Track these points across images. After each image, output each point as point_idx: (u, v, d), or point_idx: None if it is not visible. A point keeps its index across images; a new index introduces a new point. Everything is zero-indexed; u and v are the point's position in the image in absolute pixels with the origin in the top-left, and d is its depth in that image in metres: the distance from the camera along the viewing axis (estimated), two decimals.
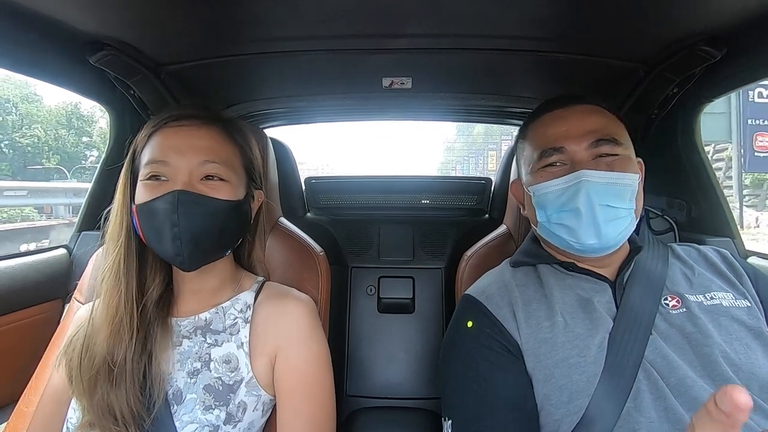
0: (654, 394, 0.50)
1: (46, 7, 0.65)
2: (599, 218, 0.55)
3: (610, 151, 0.58)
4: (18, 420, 0.60)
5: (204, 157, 0.54)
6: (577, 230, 0.57)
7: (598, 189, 0.56)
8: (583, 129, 0.59)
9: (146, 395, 0.51)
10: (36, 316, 0.96)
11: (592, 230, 0.56)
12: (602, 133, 0.58)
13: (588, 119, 0.60)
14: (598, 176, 0.56)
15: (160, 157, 0.53)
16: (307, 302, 0.64)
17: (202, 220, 0.53)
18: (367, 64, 0.94)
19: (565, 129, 0.60)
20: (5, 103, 17.41)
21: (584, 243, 0.57)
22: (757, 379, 0.49)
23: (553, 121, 0.62)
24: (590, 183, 0.56)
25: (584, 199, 0.56)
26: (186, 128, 0.56)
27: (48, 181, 14.66)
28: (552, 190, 0.59)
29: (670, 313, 0.56)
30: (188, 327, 0.58)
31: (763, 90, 7.60)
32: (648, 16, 0.70)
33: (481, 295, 0.63)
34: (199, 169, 0.54)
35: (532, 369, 0.55)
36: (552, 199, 0.59)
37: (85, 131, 18.72)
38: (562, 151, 0.59)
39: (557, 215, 0.59)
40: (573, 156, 0.58)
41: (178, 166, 0.53)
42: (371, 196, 1.50)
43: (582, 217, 0.56)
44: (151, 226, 0.52)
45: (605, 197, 0.56)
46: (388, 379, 1.32)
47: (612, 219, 0.56)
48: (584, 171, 0.56)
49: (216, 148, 0.56)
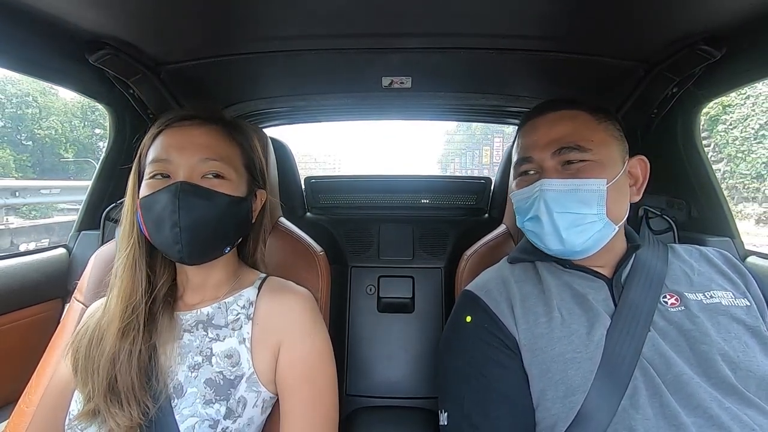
0: (650, 390, 0.50)
1: (45, 6, 0.65)
2: (559, 225, 0.57)
3: (576, 158, 0.58)
4: (18, 420, 0.61)
5: (204, 154, 0.56)
6: (542, 237, 0.60)
7: (557, 197, 0.57)
8: (548, 138, 0.60)
9: (152, 385, 0.52)
10: (36, 316, 0.96)
11: (555, 237, 0.58)
12: (566, 141, 0.59)
13: (555, 127, 0.61)
14: (558, 184, 0.58)
15: (162, 156, 0.55)
16: (308, 296, 0.65)
17: (202, 211, 0.54)
18: (367, 63, 0.94)
19: (535, 138, 0.62)
20: (25, 96, 17.60)
21: (550, 248, 0.60)
22: (755, 377, 0.50)
23: (528, 130, 0.64)
24: (548, 192, 0.58)
25: (543, 207, 0.58)
26: (187, 127, 0.58)
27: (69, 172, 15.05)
28: (520, 198, 0.63)
29: (669, 310, 0.56)
30: (190, 321, 0.59)
31: None
32: (648, 15, 0.70)
33: (480, 290, 0.64)
34: (199, 166, 0.55)
35: (529, 364, 0.55)
36: (521, 207, 0.63)
37: (98, 123, 18.81)
38: (530, 161, 0.62)
39: (527, 222, 0.62)
40: (540, 164, 0.60)
41: (180, 162, 0.55)
42: (371, 196, 1.50)
43: (543, 224, 0.59)
44: (152, 217, 0.54)
45: (565, 205, 0.57)
46: (388, 379, 1.32)
47: (576, 225, 0.57)
48: (544, 180, 0.58)
49: (216, 146, 0.57)
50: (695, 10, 0.67)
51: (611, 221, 0.58)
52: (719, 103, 9.60)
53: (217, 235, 0.57)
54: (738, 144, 9.92)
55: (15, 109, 17.53)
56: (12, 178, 13.50)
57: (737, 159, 10.01)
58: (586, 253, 0.60)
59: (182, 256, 0.55)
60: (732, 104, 9.91)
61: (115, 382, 0.52)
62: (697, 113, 0.94)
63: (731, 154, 10.07)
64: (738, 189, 10.06)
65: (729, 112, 9.98)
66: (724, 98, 8.36)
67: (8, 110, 17.46)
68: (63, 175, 17.34)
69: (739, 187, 10.05)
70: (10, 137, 17.24)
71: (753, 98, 9.71)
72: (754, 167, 9.76)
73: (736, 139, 9.93)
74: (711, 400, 0.48)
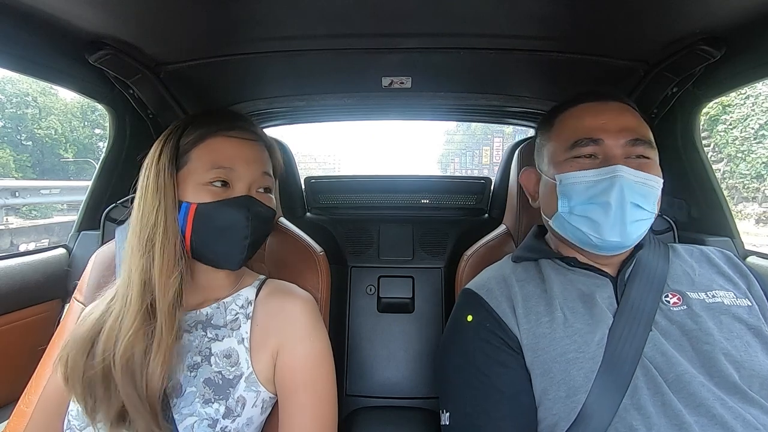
0: (652, 390, 0.50)
1: (45, 6, 0.65)
2: (627, 216, 0.55)
3: (644, 153, 0.58)
4: (18, 420, 0.60)
5: (264, 168, 0.61)
6: (602, 225, 0.56)
7: (633, 186, 0.55)
8: (620, 125, 0.58)
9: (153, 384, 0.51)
10: (35, 316, 0.96)
11: (618, 227, 0.55)
12: (639, 134, 0.58)
13: (624, 117, 0.60)
14: (633, 174, 0.55)
15: (227, 164, 0.56)
16: (308, 299, 0.65)
17: (264, 226, 0.60)
18: (367, 63, 0.94)
19: (603, 122, 0.59)
20: (25, 96, 17.59)
21: (605, 239, 0.56)
22: (758, 377, 0.50)
23: (590, 112, 0.61)
24: (625, 179, 0.55)
25: (617, 194, 0.55)
26: (249, 141, 0.60)
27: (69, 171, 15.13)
28: (582, 180, 0.58)
29: (671, 310, 0.56)
30: (189, 321, 0.59)
31: None
32: (648, 15, 0.70)
33: (481, 289, 0.64)
34: (259, 180, 0.59)
35: (531, 363, 0.55)
36: (581, 190, 0.58)
37: (98, 123, 18.81)
38: (598, 143, 0.58)
39: (583, 207, 0.58)
40: (608, 150, 0.58)
41: (244, 175, 0.57)
42: (371, 196, 1.50)
43: (611, 212, 0.55)
44: (213, 225, 0.55)
45: (636, 196, 0.56)
46: (388, 379, 1.32)
47: (637, 219, 0.56)
48: (620, 166, 0.55)
49: (267, 161, 0.62)
50: (695, 10, 0.67)
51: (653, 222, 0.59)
52: (719, 103, 9.60)
53: (261, 245, 0.63)
54: (738, 144, 9.92)
55: (15, 109, 17.54)
56: (12, 179, 13.54)
57: (737, 159, 10.01)
58: (627, 248, 0.60)
59: (239, 264, 0.58)
60: (732, 104, 9.91)
61: (134, 390, 0.49)
62: (697, 113, 0.94)
63: (731, 154, 10.07)
64: (738, 189, 10.07)
65: (729, 112, 9.99)
66: (724, 98, 8.37)
67: (8, 110, 17.47)
68: (63, 175, 17.37)
69: (739, 187, 10.05)
70: (10, 137, 17.26)
71: (753, 98, 9.72)
72: (754, 167, 9.77)
73: (735, 139, 9.93)
74: (714, 399, 0.48)
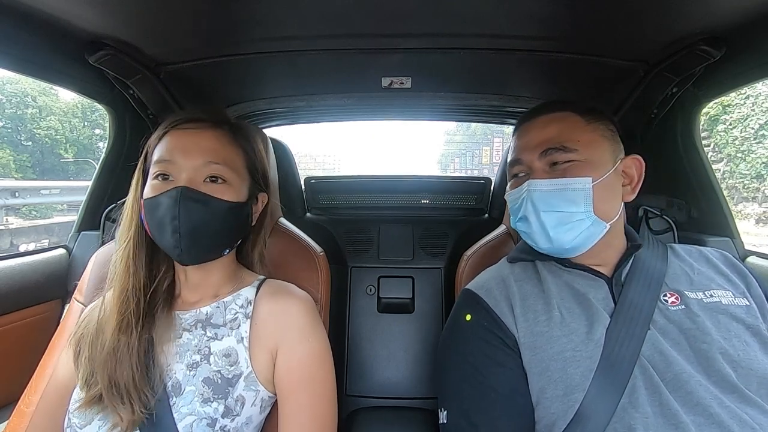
0: (649, 389, 0.50)
1: (45, 6, 0.65)
2: (546, 224, 0.59)
3: (562, 158, 0.59)
4: (18, 420, 0.61)
5: (208, 158, 0.57)
6: (531, 235, 0.62)
7: (543, 197, 0.59)
8: (536, 140, 0.62)
9: (151, 379, 0.53)
10: (35, 317, 0.96)
11: (543, 235, 0.60)
12: (552, 142, 0.60)
13: (544, 130, 0.62)
14: (543, 184, 0.59)
15: (167, 157, 0.56)
16: (307, 299, 0.65)
17: (201, 216, 0.55)
18: (367, 63, 0.94)
19: (525, 141, 0.64)
20: (24, 96, 17.60)
21: (540, 247, 0.62)
22: (756, 376, 0.50)
23: (520, 133, 0.66)
24: (534, 192, 0.60)
25: (530, 207, 0.60)
26: (193, 130, 0.58)
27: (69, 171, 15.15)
28: (511, 199, 0.66)
29: (669, 309, 0.56)
30: (189, 320, 0.59)
31: None
32: (648, 15, 0.70)
33: (480, 289, 0.65)
34: (203, 170, 0.56)
35: (528, 362, 0.55)
36: (513, 208, 0.65)
37: (98, 123, 18.83)
38: (520, 162, 0.64)
39: (518, 223, 0.64)
40: (530, 166, 0.62)
41: (183, 165, 0.56)
42: (371, 196, 1.50)
43: (531, 224, 0.61)
44: (155, 219, 0.55)
45: (552, 204, 0.59)
46: (388, 379, 1.32)
47: (563, 223, 0.58)
48: (530, 181, 0.61)
49: (220, 150, 0.58)
50: (695, 10, 0.67)
51: (600, 219, 0.58)
52: (719, 103, 9.60)
53: (216, 239, 0.58)
54: (738, 144, 9.91)
55: (14, 109, 17.54)
56: (12, 179, 13.53)
57: (737, 159, 10.01)
58: (576, 251, 0.61)
59: (182, 259, 0.57)
60: (732, 104, 9.90)
61: (114, 373, 0.52)
62: (697, 113, 0.94)
63: (731, 154, 10.07)
64: (738, 189, 10.06)
65: (729, 112, 9.98)
66: (724, 98, 8.36)
67: (8, 110, 17.47)
68: (63, 175, 17.36)
69: (739, 187, 10.05)
70: (10, 137, 17.26)
71: (753, 98, 9.71)
72: (754, 167, 9.76)
73: (735, 139, 9.92)
74: (711, 398, 0.48)
